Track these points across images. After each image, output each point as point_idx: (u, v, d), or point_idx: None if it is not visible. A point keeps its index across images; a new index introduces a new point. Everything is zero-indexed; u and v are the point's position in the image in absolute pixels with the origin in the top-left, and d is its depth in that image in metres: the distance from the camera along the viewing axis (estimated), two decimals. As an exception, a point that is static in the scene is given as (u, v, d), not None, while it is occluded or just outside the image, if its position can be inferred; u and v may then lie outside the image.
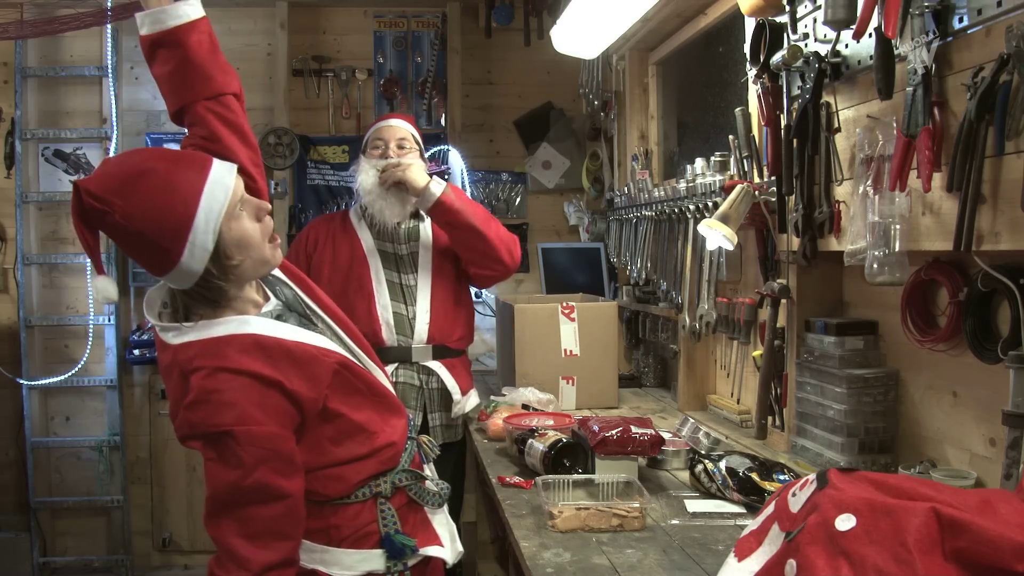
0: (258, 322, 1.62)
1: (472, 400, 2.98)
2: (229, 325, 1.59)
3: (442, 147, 4.43)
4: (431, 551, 1.81)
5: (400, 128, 2.93)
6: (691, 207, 2.75)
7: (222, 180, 1.54)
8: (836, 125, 2.07)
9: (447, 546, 1.85)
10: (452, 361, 2.95)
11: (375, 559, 1.72)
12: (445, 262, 2.95)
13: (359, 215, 2.97)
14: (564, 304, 3.07)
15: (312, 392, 1.62)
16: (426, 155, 3.02)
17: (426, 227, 2.97)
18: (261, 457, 1.52)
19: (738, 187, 2.35)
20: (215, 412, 1.52)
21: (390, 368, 2.84)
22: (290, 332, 1.65)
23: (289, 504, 1.56)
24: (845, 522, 1.10)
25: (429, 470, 1.94)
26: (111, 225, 1.48)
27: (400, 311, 2.89)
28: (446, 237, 2.94)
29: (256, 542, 1.52)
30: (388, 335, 2.85)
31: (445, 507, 1.92)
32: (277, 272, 1.80)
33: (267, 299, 1.72)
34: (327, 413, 1.66)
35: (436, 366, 2.90)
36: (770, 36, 2.26)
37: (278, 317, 1.68)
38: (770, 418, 2.47)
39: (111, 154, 4.17)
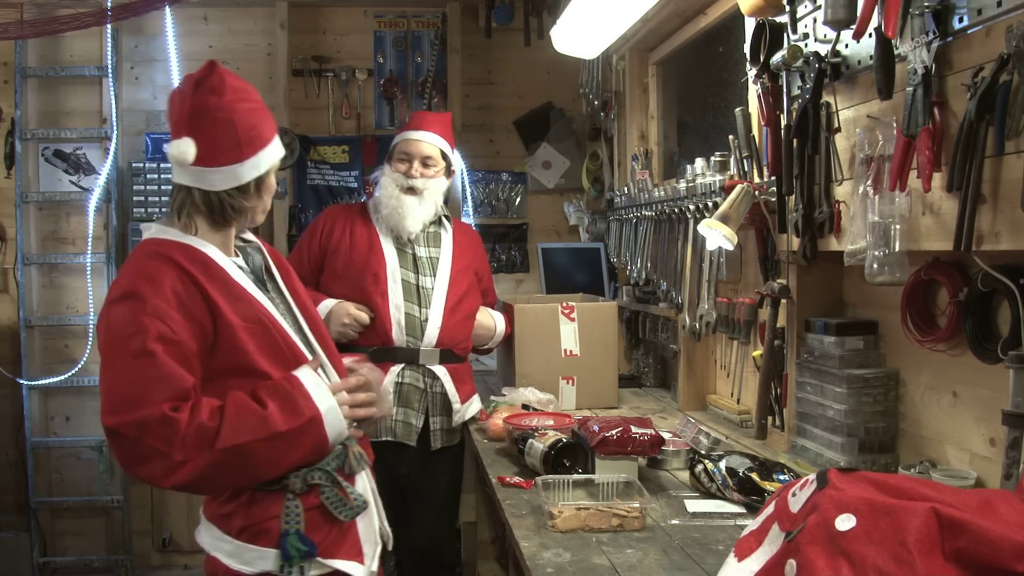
0: (215, 252, 1.74)
1: (474, 407, 2.97)
2: (192, 239, 1.73)
3: (442, 147, 4.43)
4: (340, 565, 1.73)
5: (427, 145, 2.91)
6: (691, 207, 2.75)
7: (280, 142, 1.83)
8: (836, 125, 2.07)
9: (367, 564, 1.78)
10: (456, 367, 2.94)
11: (270, 559, 1.68)
12: (463, 271, 2.96)
13: (377, 210, 2.96)
14: (564, 304, 3.07)
15: (234, 316, 1.67)
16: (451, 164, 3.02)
17: (448, 235, 2.99)
18: (160, 332, 1.58)
19: (738, 187, 2.35)
20: (135, 278, 1.64)
21: (396, 368, 2.84)
22: (237, 275, 1.75)
23: (183, 391, 1.60)
24: (845, 522, 1.10)
25: (361, 480, 1.84)
26: (213, 106, 1.69)
27: (412, 312, 2.87)
28: (468, 250, 2.99)
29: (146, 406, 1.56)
30: (398, 335, 2.84)
31: (377, 522, 1.85)
32: (255, 239, 1.92)
33: (237, 256, 1.82)
34: (249, 366, 1.68)
35: (441, 372, 2.89)
36: (770, 36, 2.26)
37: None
38: (770, 418, 2.47)
39: (111, 154, 4.17)
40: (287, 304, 1.86)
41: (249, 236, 1.91)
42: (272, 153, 1.78)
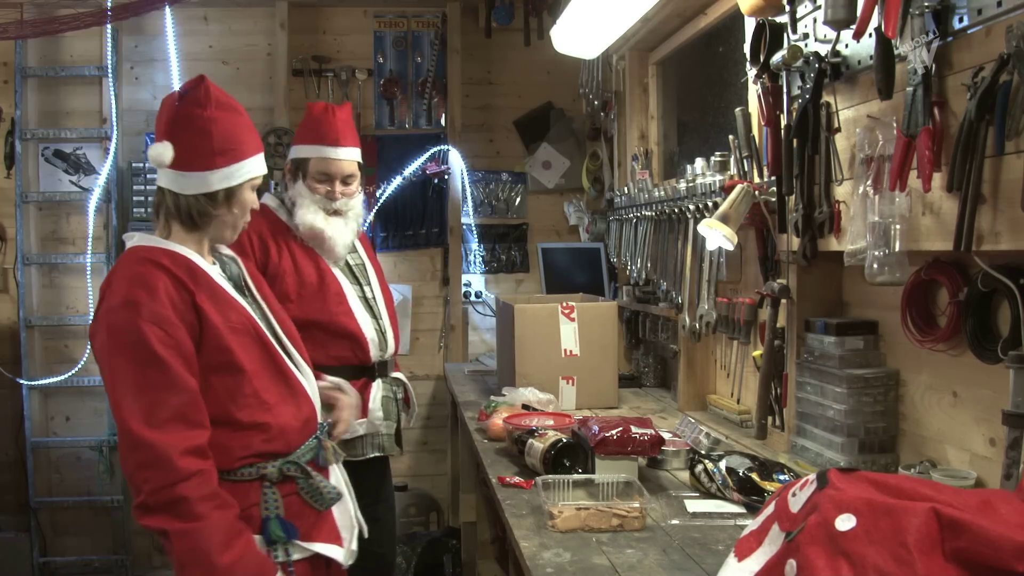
0: (198, 257, 1.81)
1: None
2: (175, 245, 1.80)
3: (442, 147, 4.43)
4: (321, 548, 1.82)
5: (348, 164, 2.71)
6: (691, 207, 2.75)
7: (263, 162, 1.91)
8: (836, 125, 2.07)
9: (346, 546, 1.88)
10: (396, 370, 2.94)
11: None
12: (378, 270, 2.92)
13: (299, 231, 2.70)
14: (564, 304, 3.07)
15: (219, 319, 1.74)
16: (364, 174, 2.91)
17: (356, 241, 2.84)
18: (161, 338, 1.66)
19: (738, 187, 2.35)
20: (131, 285, 1.70)
21: (377, 384, 2.77)
22: (220, 279, 1.82)
23: (192, 394, 1.67)
24: (845, 522, 1.10)
25: (335, 473, 1.94)
26: (195, 116, 1.79)
27: (376, 325, 2.76)
28: (367, 247, 2.95)
29: (164, 428, 1.62)
30: (374, 352, 2.74)
31: (351, 507, 1.94)
32: (230, 252, 1.98)
33: (214, 264, 1.89)
34: (232, 364, 1.75)
35: (402, 377, 2.91)
36: (770, 36, 2.26)
37: None
38: (770, 418, 2.47)
39: (111, 154, 4.17)
40: (263, 312, 1.93)
41: (225, 250, 1.96)
42: (248, 168, 1.84)
